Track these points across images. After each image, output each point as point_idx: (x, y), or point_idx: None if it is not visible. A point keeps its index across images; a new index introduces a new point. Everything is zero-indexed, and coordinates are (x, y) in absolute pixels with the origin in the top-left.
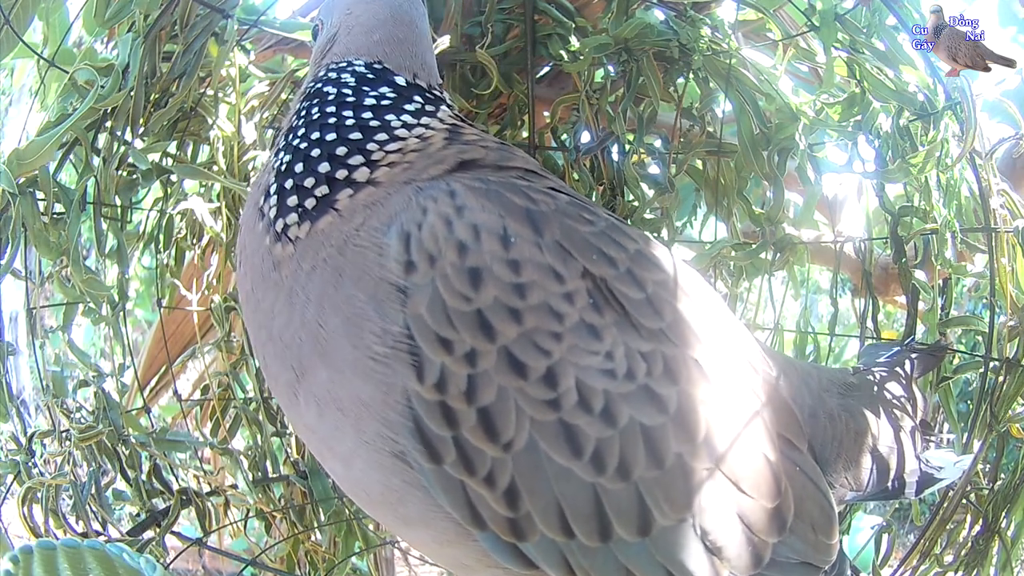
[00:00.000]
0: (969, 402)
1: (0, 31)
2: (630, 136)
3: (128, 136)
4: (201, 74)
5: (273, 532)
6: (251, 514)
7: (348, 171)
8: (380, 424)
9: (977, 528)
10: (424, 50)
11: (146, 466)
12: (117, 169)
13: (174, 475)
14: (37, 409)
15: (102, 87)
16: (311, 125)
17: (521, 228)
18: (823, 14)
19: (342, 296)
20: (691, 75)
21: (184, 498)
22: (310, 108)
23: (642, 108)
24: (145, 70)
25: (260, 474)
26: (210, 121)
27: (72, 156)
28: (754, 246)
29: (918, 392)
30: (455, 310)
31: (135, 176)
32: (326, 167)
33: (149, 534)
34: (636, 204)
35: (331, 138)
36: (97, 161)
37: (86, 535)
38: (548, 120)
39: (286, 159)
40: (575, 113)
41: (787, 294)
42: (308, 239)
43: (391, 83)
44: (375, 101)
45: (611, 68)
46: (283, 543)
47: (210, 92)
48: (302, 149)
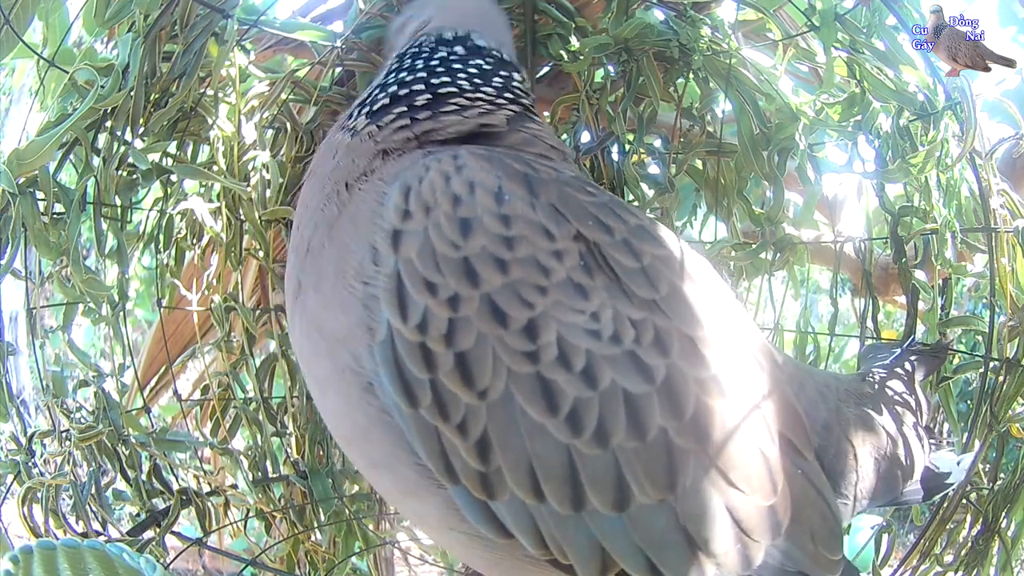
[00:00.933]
0: (969, 402)
1: (0, 31)
2: (630, 136)
3: (128, 136)
4: (201, 74)
5: (273, 532)
6: (251, 514)
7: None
8: (350, 356)
9: (977, 528)
10: (510, 42)
11: (146, 466)
12: (117, 169)
13: (174, 475)
14: (37, 409)
15: (102, 87)
16: (404, 69)
17: (517, 188)
18: (823, 14)
19: (340, 228)
20: (691, 75)
21: (184, 498)
22: (405, 57)
23: (642, 108)
24: (145, 70)
25: (260, 474)
26: (210, 121)
27: (72, 156)
28: (754, 246)
29: (922, 396)
30: (443, 255)
31: (135, 176)
32: (420, 86)
33: (149, 534)
34: (636, 204)
35: (423, 74)
36: (97, 161)
37: (86, 535)
38: (548, 120)
39: (385, 81)
40: (575, 113)
41: (787, 294)
42: (357, 140)
43: (483, 53)
44: (463, 64)
45: (611, 68)
46: (283, 543)
47: (210, 92)
48: (399, 78)
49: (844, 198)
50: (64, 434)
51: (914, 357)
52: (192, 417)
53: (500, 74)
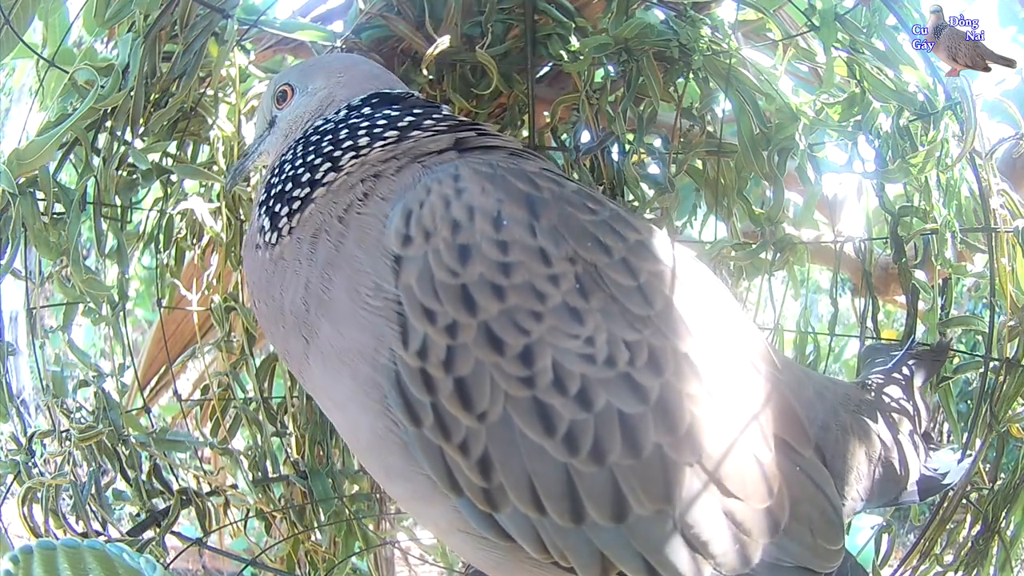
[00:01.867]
0: (969, 402)
1: (0, 31)
2: (630, 136)
3: (128, 136)
4: (201, 74)
5: (273, 532)
6: (251, 514)
7: (323, 174)
8: (371, 369)
9: (977, 528)
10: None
11: (146, 466)
12: (117, 169)
13: (174, 475)
14: (37, 409)
15: (102, 87)
16: (295, 157)
17: (517, 211)
18: (823, 14)
19: (343, 256)
20: (691, 75)
21: (184, 498)
22: (295, 147)
23: (642, 108)
24: (145, 70)
25: (260, 474)
26: (210, 121)
27: (72, 156)
28: (754, 246)
29: (921, 401)
30: (442, 283)
31: (135, 176)
32: (307, 176)
33: (149, 534)
34: (636, 204)
35: (311, 158)
36: (97, 161)
37: (86, 535)
38: (548, 120)
39: (274, 181)
40: (575, 113)
41: (787, 294)
42: (300, 226)
43: (394, 101)
44: (369, 122)
45: (611, 68)
46: (283, 543)
47: (210, 92)
48: (288, 172)
49: (844, 198)
50: (64, 434)
51: (913, 361)
52: (192, 417)
53: (428, 106)
